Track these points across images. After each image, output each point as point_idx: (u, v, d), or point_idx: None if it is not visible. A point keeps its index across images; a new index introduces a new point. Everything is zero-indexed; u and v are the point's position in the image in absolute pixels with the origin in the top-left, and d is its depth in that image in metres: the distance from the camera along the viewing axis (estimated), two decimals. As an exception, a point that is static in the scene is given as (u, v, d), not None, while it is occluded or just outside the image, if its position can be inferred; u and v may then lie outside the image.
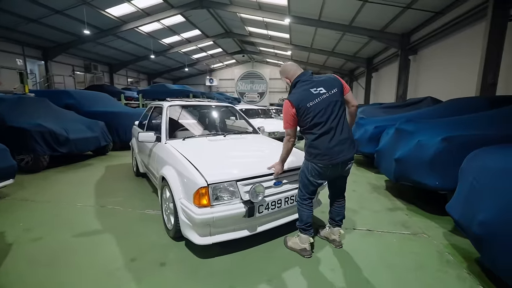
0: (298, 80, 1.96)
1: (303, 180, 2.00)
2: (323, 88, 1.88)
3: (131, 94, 14.19)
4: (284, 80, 2.09)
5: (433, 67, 9.70)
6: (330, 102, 1.85)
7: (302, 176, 2.01)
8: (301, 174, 2.02)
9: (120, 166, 4.91)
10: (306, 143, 1.96)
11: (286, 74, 2.05)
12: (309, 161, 1.93)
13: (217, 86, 26.89)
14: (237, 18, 14.19)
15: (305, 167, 1.98)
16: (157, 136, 2.76)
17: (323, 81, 1.92)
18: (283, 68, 2.08)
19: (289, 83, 2.05)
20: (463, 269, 1.87)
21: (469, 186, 1.86)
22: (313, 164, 1.90)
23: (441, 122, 3.09)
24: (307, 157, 1.95)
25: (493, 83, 6.27)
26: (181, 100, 3.56)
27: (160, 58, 18.91)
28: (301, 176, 2.02)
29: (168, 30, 14.46)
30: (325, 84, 1.90)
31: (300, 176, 2.04)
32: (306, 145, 1.96)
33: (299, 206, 2.04)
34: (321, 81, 1.92)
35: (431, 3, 8.19)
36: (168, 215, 2.31)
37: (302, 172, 2.01)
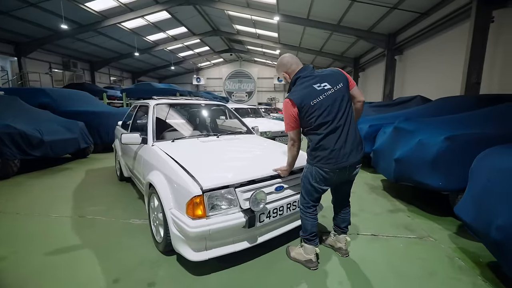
0: (298, 76, 1.77)
1: (306, 186, 1.81)
2: (328, 84, 1.69)
3: (114, 93, 13.58)
4: (283, 75, 1.86)
5: (418, 66, 9.89)
6: (336, 98, 1.68)
7: (304, 182, 1.82)
8: (304, 180, 1.83)
9: (102, 170, 4.56)
10: (310, 145, 1.78)
11: (285, 68, 1.83)
12: (312, 165, 1.75)
13: (205, 85, 26.42)
14: (224, 15, 13.90)
15: (308, 172, 1.79)
16: (143, 137, 2.50)
17: (327, 76, 1.74)
18: (281, 61, 1.85)
19: (288, 79, 1.84)
20: (477, 275, 1.77)
21: (482, 187, 1.77)
22: (318, 168, 1.72)
23: (440, 120, 3.03)
24: (311, 161, 1.76)
25: (476, 82, 6.42)
26: (169, 98, 3.30)
27: (144, 56, 18.25)
28: (303, 182, 1.83)
29: (153, 26, 13.94)
30: (329, 79, 1.72)
31: (302, 182, 1.85)
32: (310, 147, 1.78)
33: (303, 215, 1.85)
34: (324, 76, 1.74)
35: (416, 4, 8.31)
36: (156, 226, 2.07)
37: (305, 178, 1.82)
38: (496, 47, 6.21)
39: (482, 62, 6.28)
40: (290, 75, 1.82)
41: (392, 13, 9.16)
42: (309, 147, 1.79)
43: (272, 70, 26.02)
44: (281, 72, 1.87)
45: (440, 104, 4.57)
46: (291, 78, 1.81)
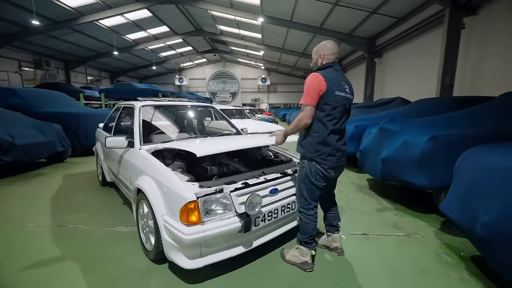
0: (331, 65, 1.75)
1: (307, 186, 1.78)
2: (348, 88, 1.77)
3: (92, 93, 12.93)
4: (319, 56, 1.77)
5: (397, 69, 10.34)
6: (346, 105, 1.75)
7: (305, 182, 1.78)
8: (304, 180, 1.78)
9: (81, 175, 4.31)
10: (313, 138, 1.71)
11: (326, 52, 1.75)
12: (312, 162, 1.73)
13: (187, 86, 25.97)
14: (208, 15, 13.75)
15: (307, 170, 1.75)
16: (129, 141, 2.38)
17: (349, 83, 1.80)
18: (325, 45, 1.77)
19: (319, 62, 1.78)
20: (463, 270, 1.86)
21: (466, 186, 1.85)
22: (317, 164, 1.71)
23: (423, 121, 3.16)
24: (311, 155, 1.71)
25: (450, 84, 6.81)
26: (155, 100, 3.17)
27: (124, 55, 17.62)
28: (303, 183, 1.79)
29: (133, 25, 13.49)
30: (349, 86, 1.79)
31: (302, 183, 1.80)
32: (312, 140, 1.71)
33: (304, 217, 1.82)
34: (348, 81, 1.80)
35: (394, 9, 8.69)
36: (146, 234, 1.97)
37: (304, 178, 1.77)
38: (467, 52, 6.62)
39: (455, 66, 6.68)
40: (323, 60, 1.77)
41: (372, 17, 9.52)
42: (309, 140, 1.73)
43: (256, 71, 26.12)
44: (319, 53, 1.78)
45: (420, 105, 4.78)
46: (323, 63, 1.77)
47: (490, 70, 6.02)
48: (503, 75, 5.62)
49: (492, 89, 5.70)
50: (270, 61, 21.91)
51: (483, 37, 6.22)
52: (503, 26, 5.66)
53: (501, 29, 5.70)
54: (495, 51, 5.86)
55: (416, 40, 8.91)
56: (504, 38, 5.64)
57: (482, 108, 3.06)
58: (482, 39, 6.24)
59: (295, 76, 26.03)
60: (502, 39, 5.69)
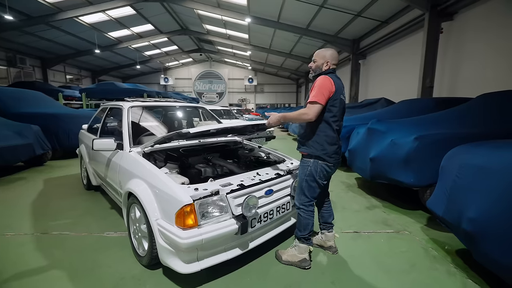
0: (333, 71, 1.86)
1: (309, 184, 1.84)
2: (345, 92, 1.91)
3: (72, 93, 12.39)
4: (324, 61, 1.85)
5: (380, 70, 10.69)
6: (344, 107, 1.89)
7: (308, 180, 1.83)
8: (307, 178, 1.84)
9: (64, 179, 4.11)
10: (321, 136, 1.78)
11: (330, 59, 1.85)
12: (318, 160, 1.80)
13: (173, 86, 25.47)
14: (194, 14, 13.55)
15: (312, 169, 1.82)
16: (118, 143, 2.30)
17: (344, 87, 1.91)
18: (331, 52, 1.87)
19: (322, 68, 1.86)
20: (449, 263, 1.95)
21: (452, 183, 1.94)
22: (323, 162, 1.80)
23: (409, 121, 3.28)
24: (317, 153, 1.79)
25: (430, 86, 7.13)
26: (144, 100, 3.09)
27: (106, 54, 17.00)
28: (306, 181, 1.84)
29: (116, 22, 13.04)
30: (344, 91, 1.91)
31: (305, 181, 1.85)
32: (322, 139, 1.78)
33: (305, 214, 1.86)
34: (343, 86, 1.91)
35: (377, 12, 8.97)
36: (139, 239, 1.91)
37: (308, 176, 1.83)
38: (445, 56, 6.96)
39: (434, 68, 7.00)
40: (327, 67, 1.86)
41: (356, 20, 9.77)
42: (317, 140, 1.79)
43: (243, 71, 26.08)
44: (326, 60, 1.85)
45: (404, 106, 4.98)
46: (326, 69, 1.85)
47: (465, 72, 6.37)
48: (477, 77, 5.96)
49: (468, 91, 6.05)
50: (257, 61, 21.95)
51: (459, 42, 6.57)
52: (476, 31, 6.01)
53: (475, 34, 6.05)
54: (470, 55, 6.21)
55: (398, 43, 9.24)
56: (477, 42, 5.99)
57: (463, 109, 3.22)
58: (458, 44, 6.58)
59: (282, 77, 26.23)
60: (475, 44, 6.04)
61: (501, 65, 5.37)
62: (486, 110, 2.99)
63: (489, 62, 5.66)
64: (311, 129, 1.82)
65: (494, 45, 5.53)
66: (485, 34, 5.75)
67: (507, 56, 5.21)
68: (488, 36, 5.68)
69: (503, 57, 5.32)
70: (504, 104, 2.92)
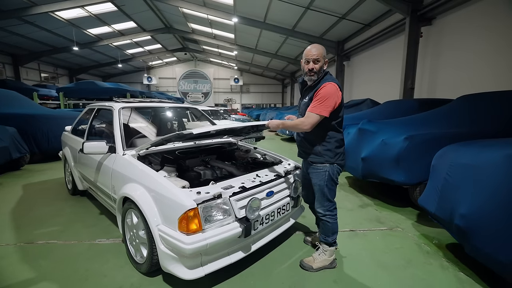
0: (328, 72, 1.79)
1: (330, 188, 1.83)
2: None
3: (48, 92, 11.76)
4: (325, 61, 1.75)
5: (364, 72, 11.03)
6: None
7: (328, 184, 1.81)
8: (327, 184, 1.81)
9: (45, 184, 3.88)
10: (329, 143, 1.77)
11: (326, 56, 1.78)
12: (333, 163, 1.80)
13: (157, 85, 24.84)
14: (178, 13, 13.29)
15: (330, 173, 1.80)
16: (110, 146, 2.21)
17: None
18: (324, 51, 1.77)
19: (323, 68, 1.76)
20: (442, 258, 2.04)
21: (442, 181, 2.04)
22: (337, 165, 1.82)
23: (398, 121, 3.41)
24: (331, 159, 1.78)
25: (411, 87, 7.46)
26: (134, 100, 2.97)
27: (85, 51, 16.27)
28: (327, 186, 1.82)
29: (96, 19, 12.49)
30: None
31: (326, 187, 1.82)
32: (329, 145, 1.77)
33: (331, 219, 1.87)
34: None
35: (361, 16, 9.25)
36: (136, 246, 1.84)
37: (328, 181, 1.81)
38: (425, 58, 7.30)
39: (415, 70, 7.33)
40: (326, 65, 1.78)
41: (341, 22, 10.02)
42: (328, 147, 1.78)
43: (229, 71, 25.93)
44: (324, 58, 1.76)
45: (389, 106, 5.17)
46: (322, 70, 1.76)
47: (443, 75, 6.73)
48: (454, 79, 6.31)
49: (446, 92, 6.40)
50: (243, 61, 21.91)
51: (437, 46, 6.92)
52: (452, 36, 6.37)
53: (451, 39, 6.41)
54: (447, 58, 6.57)
55: (380, 45, 9.58)
56: (453, 46, 6.35)
57: (447, 110, 3.40)
58: (436, 47, 6.94)
59: (268, 77, 26.38)
60: (451, 48, 6.41)
61: (475, 67, 5.72)
62: (469, 110, 3.17)
63: (465, 65, 6.01)
64: (321, 137, 1.78)
65: (469, 49, 5.89)
66: (461, 38, 6.11)
67: (481, 59, 5.56)
68: (463, 40, 6.03)
69: (477, 60, 5.67)
70: (484, 105, 3.11)
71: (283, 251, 2.12)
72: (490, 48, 5.33)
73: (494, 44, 5.24)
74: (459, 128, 2.87)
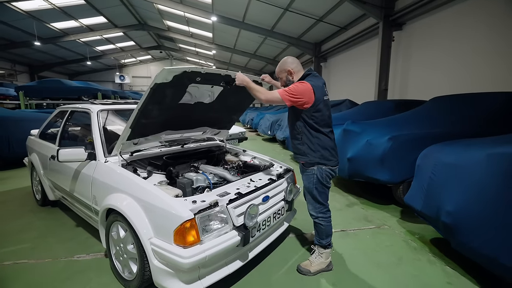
0: (310, 73, 1.85)
1: (320, 190, 1.84)
2: (326, 90, 1.89)
3: (6, 91, 10.69)
4: (287, 72, 1.88)
5: (340, 73, 11.41)
6: (329, 105, 1.87)
7: (317, 187, 1.83)
8: (316, 186, 1.82)
9: (7, 194, 3.48)
10: (312, 144, 1.79)
11: (291, 66, 1.87)
12: (321, 166, 1.79)
13: (130, 84, 23.66)
14: (153, 9, 12.75)
15: (318, 176, 1.80)
16: (89, 152, 2.02)
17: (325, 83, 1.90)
18: (286, 61, 1.90)
19: (291, 77, 1.88)
20: (428, 253, 2.14)
21: (428, 180, 2.14)
22: (326, 167, 1.80)
23: (381, 122, 3.54)
24: (317, 160, 1.79)
25: (385, 89, 7.86)
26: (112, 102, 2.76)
27: (49, 47, 15.00)
28: (316, 189, 1.83)
29: (61, 12, 11.56)
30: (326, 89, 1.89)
31: (315, 190, 1.84)
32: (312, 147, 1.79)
33: (324, 221, 1.88)
34: (325, 82, 1.91)
35: (337, 19, 9.55)
36: (124, 261, 1.70)
37: (316, 184, 1.82)
38: (397, 61, 7.72)
39: (388, 73, 7.73)
40: (294, 75, 1.88)
41: (318, 24, 10.27)
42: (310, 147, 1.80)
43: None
44: (287, 70, 1.87)
45: (368, 107, 5.40)
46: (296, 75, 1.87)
47: (413, 77, 7.18)
48: (423, 81, 6.77)
49: (416, 93, 6.84)
50: (221, 61, 21.61)
51: (407, 49, 7.36)
52: (420, 41, 6.83)
53: (419, 43, 6.87)
54: (416, 61, 7.03)
55: (356, 48, 9.97)
56: (421, 51, 6.81)
57: (425, 110, 3.60)
58: (406, 51, 7.38)
59: (246, 77, 26.28)
60: (420, 52, 6.86)
61: (441, 70, 6.16)
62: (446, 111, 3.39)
63: (431, 68, 6.46)
64: (306, 137, 1.82)
65: (435, 53, 6.34)
66: (428, 43, 6.55)
67: (447, 62, 6.01)
68: (430, 45, 6.48)
69: (443, 64, 6.11)
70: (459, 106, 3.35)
71: (278, 256, 2.08)
72: (455, 52, 5.76)
73: (458, 48, 5.67)
74: (439, 128, 3.04)
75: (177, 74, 1.62)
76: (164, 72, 1.58)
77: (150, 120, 1.93)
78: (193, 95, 1.99)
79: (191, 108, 2.11)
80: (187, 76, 1.71)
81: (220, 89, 2.10)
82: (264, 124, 9.09)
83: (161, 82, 1.62)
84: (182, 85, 1.81)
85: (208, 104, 2.20)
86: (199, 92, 2.00)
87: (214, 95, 2.16)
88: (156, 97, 1.74)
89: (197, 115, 2.27)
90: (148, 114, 1.85)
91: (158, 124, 2.07)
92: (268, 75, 2.16)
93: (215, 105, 2.25)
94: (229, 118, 2.70)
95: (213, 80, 1.93)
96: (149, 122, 1.95)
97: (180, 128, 2.35)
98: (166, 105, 1.91)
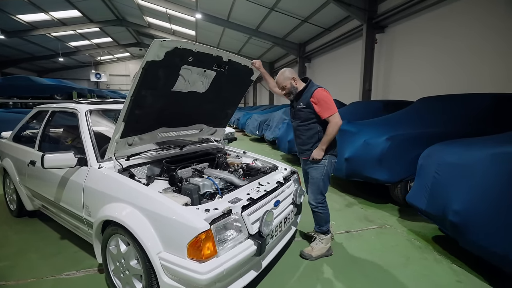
0: (307, 78, 2.11)
1: (325, 181, 2.02)
2: None
3: (-34, 89, 9.60)
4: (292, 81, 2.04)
5: (324, 74, 11.61)
6: None
7: (325, 178, 2.01)
8: (323, 178, 2.01)
9: (-26, 205, 3.08)
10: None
11: (294, 74, 2.08)
12: (328, 157, 1.99)
13: (107, 83, 22.50)
14: (133, 4, 12.18)
15: (328, 168, 2.00)
16: (78, 157, 1.81)
17: None
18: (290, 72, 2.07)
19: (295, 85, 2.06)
20: (433, 251, 2.17)
21: (432, 180, 2.17)
22: (333, 157, 2.03)
23: (376, 122, 3.58)
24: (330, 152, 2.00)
25: (369, 89, 8.09)
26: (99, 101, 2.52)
27: (15, 41, 13.83)
28: (323, 180, 2.01)
29: (28, 3, 10.67)
30: None
31: (321, 181, 2.01)
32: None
33: (323, 210, 2.06)
34: None
35: (321, 20, 9.70)
36: (126, 278, 1.53)
37: (324, 175, 2.00)
38: (379, 63, 7.98)
39: (371, 73, 7.96)
40: (297, 81, 2.09)
41: (303, 25, 10.37)
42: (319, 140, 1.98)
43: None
44: (291, 78, 2.04)
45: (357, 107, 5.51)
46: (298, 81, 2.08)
47: (394, 78, 7.47)
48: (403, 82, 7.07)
49: (398, 94, 7.11)
50: (203, 59, 21.21)
51: (389, 52, 7.63)
52: (401, 44, 7.12)
53: (400, 46, 7.15)
54: (397, 63, 7.32)
55: (340, 49, 10.18)
56: (401, 53, 7.10)
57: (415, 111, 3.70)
58: (388, 53, 7.65)
59: (229, 76, 26.03)
60: (401, 54, 7.15)
61: (421, 72, 6.45)
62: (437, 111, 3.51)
63: (412, 69, 6.74)
64: (318, 135, 2.00)
65: (415, 56, 6.62)
66: (408, 46, 6.84)
67: (426, 65, 6.30)
68: (410, 48, 6.77)
69: (423, 65, 6.40)
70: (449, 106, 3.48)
71: (288, 262, 2.01)
72: (436, 54, 6.05)
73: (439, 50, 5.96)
74: (431, 128, 3.12)
75: (169, 50, 1.53)
76: (156, 45, 1.47)
77: (144, 110, 1.77)
78: (186, 81, 1.87)
79: (186, 97, 2.00)
80: (179, 54, 1.61)
81: (212, 76, 2.02)
82: (251, 124, 9.00)
83: (152, 59, 1.51)
84: (174, 66, 1.71)
85: (201, 94, 2.10)
86: (192, 77, 1.89)
87: (207, 83, 2.04)
88: (149, 80, 1.62)
89: (191, 106, 2.15)
90: (142, 102, 1.70)
91: (152, 118, 1.91)
92: (260, 61, 2.22)
93: (208, 95, 2.14)
94: (223, 113, 2.59)
95: (205, 62, 1.85)
96: (143, 114, 1.79)
97: (175, 125, 2.20)
98: (160, 92, 1.78)
